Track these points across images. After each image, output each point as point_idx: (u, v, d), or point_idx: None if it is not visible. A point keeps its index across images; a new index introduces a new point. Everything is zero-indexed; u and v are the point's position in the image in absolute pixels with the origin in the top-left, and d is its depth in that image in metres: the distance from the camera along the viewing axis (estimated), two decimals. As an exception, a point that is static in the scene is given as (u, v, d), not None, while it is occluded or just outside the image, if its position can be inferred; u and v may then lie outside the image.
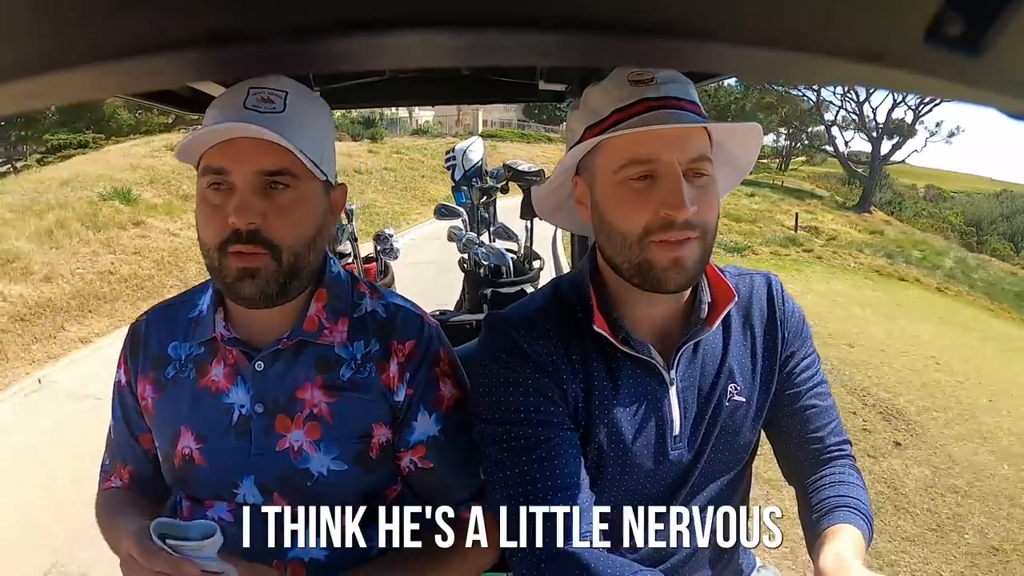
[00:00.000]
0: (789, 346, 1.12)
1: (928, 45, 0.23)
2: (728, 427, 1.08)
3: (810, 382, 1.13)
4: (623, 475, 1.05)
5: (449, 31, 0.22)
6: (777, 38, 0.24)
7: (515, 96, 1.95)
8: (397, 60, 0.25)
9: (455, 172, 3.18)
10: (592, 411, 1.02)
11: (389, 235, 2.92)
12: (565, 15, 0.22)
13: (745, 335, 1.11)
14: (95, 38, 0.21)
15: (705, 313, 1.04)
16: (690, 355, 1.06)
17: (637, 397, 1.04)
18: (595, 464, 1.04)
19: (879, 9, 0.23)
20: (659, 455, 1.04)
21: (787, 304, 1.14)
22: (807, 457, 1.13)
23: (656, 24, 0.23)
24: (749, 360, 1.10)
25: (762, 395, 1.11)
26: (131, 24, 0.21)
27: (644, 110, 0.92)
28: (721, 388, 1.07)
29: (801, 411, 1.12)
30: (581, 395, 1.02)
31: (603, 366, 1.03)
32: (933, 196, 41.96)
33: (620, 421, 1.03)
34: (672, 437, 1.05)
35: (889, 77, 0.26)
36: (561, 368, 1.01)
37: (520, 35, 0.23)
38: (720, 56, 0.27)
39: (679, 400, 1.05)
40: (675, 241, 0.93)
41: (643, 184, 0.93)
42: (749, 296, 1.12)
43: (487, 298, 2.83)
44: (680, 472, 1.07)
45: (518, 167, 3.09)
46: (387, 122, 31.25)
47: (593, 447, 1.03)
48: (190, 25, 0.21)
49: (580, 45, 0.24)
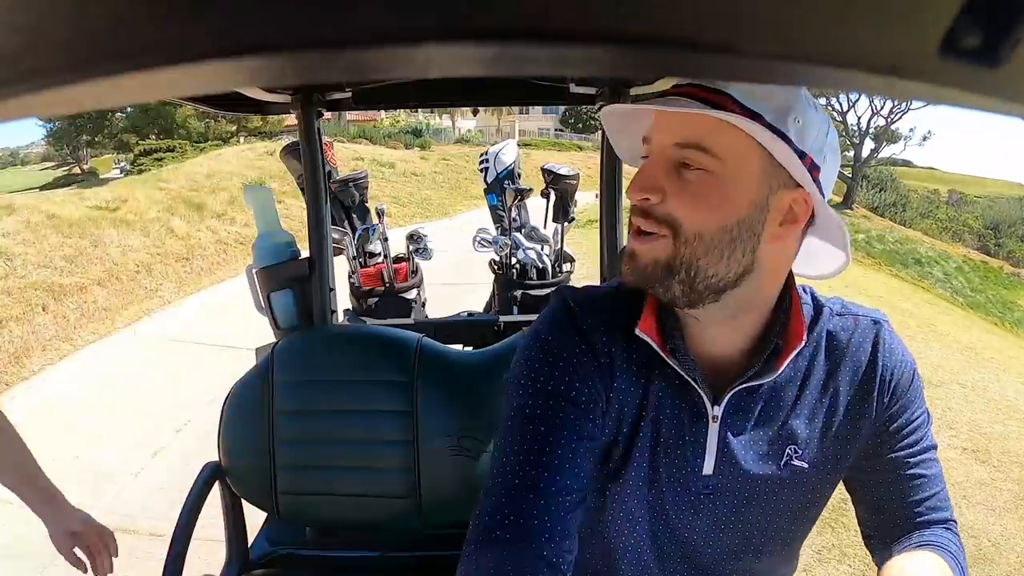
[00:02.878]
0: (891, 406, 0.88)
1: (944, 57, 0.22)
2: (775, 493, 0.88)
3: (915, 447, 0.89)
4: (652, 503, 0.90)
5: (477, 44, 0.22)
6: (794, 50, 0.23)
7: (546, 99, 1.93)
8: (423, 71, 0.24)
9: (487, 175, 3.15)
10: (639, 421, 0.87)
11: (423, 235, 2.82)
12: (589, 29, 0.22)
13: (826, 388, 0.88)
14: (132, 47, 0.21)
15: (769, 353, 0.83)
16: (747, 397, 0.86)
17: (673, 416, 0.87)
18: (631, 480, 0.88)
19: (893, 22, 0.22)
20: (680, 490, 0.88)
21: (894, 356, 0.89)
22: (901, 528, 0.90)
23: (678, 37, 0.22)
24: (823, 419, 0.88)
25: (830, 463, 0.89)
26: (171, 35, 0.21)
27: (671, 93, 0.79)
28: (777, 445, 0.87)
29: (901, 480, 0.89)
30: (636, 403, 0.87)
31: (660, 377, 0.86)
32: (955, 201, 40.81)
33: (655, 441, 0.87)
34: (702, 476, 0.87)
35: (906, 89, 0.25)
36: (621, 367, 0.87)
37: (548, 48, 0.22)
38: (741, 67, 0.26)
39: (719, 440, 0.86)
40: (635, 230, 0.79)
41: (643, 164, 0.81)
42: (846, 342, 0.88)
43: (517, 300, 2.81)
44: (707, 521, 0.90)
45: (557, 171, 3.06)
46: (432, 132, 31.60)
47: (630, 463, 0.88)
48: (227, 36, 0.20)
49: (601, 58, 0.24)
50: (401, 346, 1.57)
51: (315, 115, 1.71)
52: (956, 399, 5.13)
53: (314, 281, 1.76)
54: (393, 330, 1.64)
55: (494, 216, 3.20)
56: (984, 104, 0.25)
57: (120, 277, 7.19)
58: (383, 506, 1.53)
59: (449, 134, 34.80)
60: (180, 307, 7.22)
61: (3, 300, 5.80)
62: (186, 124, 29.04)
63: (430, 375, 1.53)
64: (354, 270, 2.74)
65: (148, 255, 7.94)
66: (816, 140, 0.75)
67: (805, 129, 0.74)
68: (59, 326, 5.90)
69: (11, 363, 5.13)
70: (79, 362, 5.47)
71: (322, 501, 1.53)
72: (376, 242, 2.77)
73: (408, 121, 32.39)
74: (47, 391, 4.89)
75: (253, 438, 1.52)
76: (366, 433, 1.52)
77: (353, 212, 2.94)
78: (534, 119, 49.41)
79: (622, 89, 1.72)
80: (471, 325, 2.32)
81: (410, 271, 2.84)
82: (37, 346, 5.50)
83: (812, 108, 0.75)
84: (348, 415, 1.52)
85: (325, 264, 1.77)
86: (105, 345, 5.89)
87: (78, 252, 7.24)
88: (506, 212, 3.04)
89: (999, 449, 4.29)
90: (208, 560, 2.54)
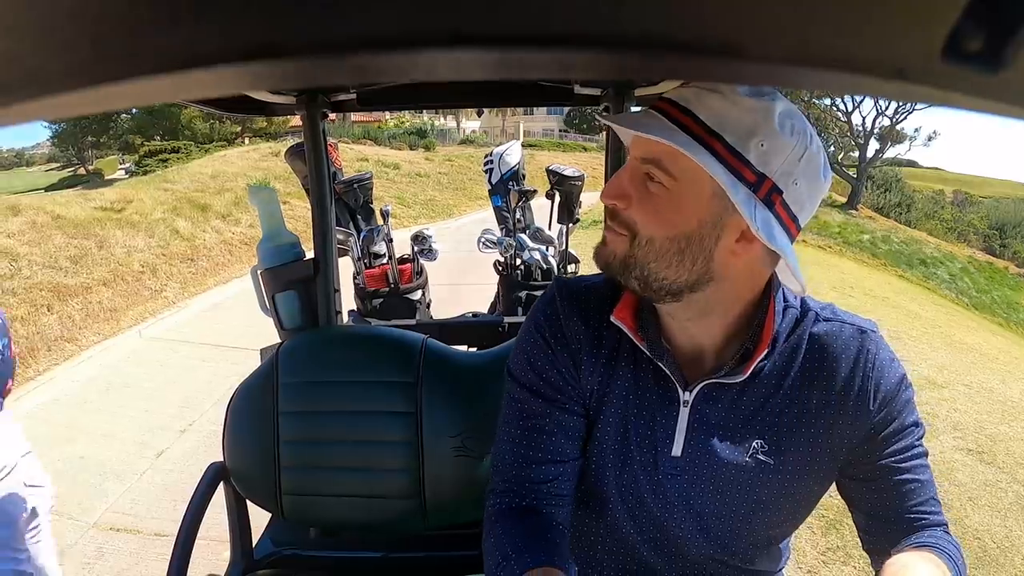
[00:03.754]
0: (878, 414, 0.90)
1: (947, 61, 0.22)
2: (740, 482, 0.94)
3: (906, 453, 0.92)
4: (620, 477, 0.97)
5: (481, 49, 0.22)
6: (798, 54, 0.23)
7: (550, 100, 1.93)
8: (427, 74, 0.24)
9: (492, 176, 3.14)
10: (603, 400, 0.96)
11: (428, 235, 2.79)
12: (591, 33, 0.22)
13: (801, 390, 0.91)
14: (141, 52, 0.21)
15: (735, 355, 0.90)
16: (718, 388, 0.92)
17: (644, 398, 0.95)
18: (597, 455, 0.98)
19: (897, 26, 0.22)
20: (651, 469, 0.95)
21: (880, 365, 0.91)
22: (897, 533, 0.93)
23: (684, 41, 0.23)
24: (794, 419, 0.92)
25: (802, 463, 0.93)
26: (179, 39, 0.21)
27: (654, 107, 0.85)
28: (745, 437, 0.93)
29: (894, 486, 0.92)
30: (598, 383, 0.96)
31: (629, 361, 0.95)
32: (961, 201, 40.64)
33: (626, 419, 0.96)
34: (670, 457, 0.94)
35: (910, 92, 0.25)
36: (587, 351, 0.96)
37: (551, 53, 0.23)
38: (747, 71, 0.26)
39: (688, 424, 0.93)
40: (605, 227, 0.89)
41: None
42: (829, 347, 0.92)
43: (522, 301, 2.81)
44: (677, 501, 0.96)
45: (562, 172, 3.05)
46: (437, 132, 31.61)
47: (597, 437, 0.98)
48: (233, 40, 0.21)
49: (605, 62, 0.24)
50: (406, 347, 1.57)
51: (320, 116, 1.71)
52: (961, 400, 5.11)
53: (319, 282, 1.76)
54: (398, 331, 1.64)
55: (499, 217, 3.19)
56: (987, 107, 0.25)
57: (125, 278, 7.22)
58: (387, 507, 1.53)
59: (453, 135, 34.80)
60: (185, 308, 7.24)
61: (8, 301, 5.82)
62: (191, 125, 29.17)
63: (435, 376, 1.53)
64: (359, 271, 2.74)
65: (153, 256, 7.97)
66: (784, 164, 0.79)
67: (769, 153, 0.78)
68: (64, 326, 5.93)
69: (17, 363, 5.15)
70: (84, 362, 5.48)
71: (326, 502, 1.54)
72: (381, 243, 2.76)
73: (412, 122, 32.41)
74: (53, 391, 4.91)
75: (258, 439, 1.52)
76: (370, 434, 1.52)
77: (358, 213, 2.94)
78: (539, 120, 49.42)
79: (626, 91, 1.72)
80: (476, 326, 2.32)
81: (415, 272, 2.83)
82: (42, 346, 5.52)
83: (785, 133, 0.78)
84: (352, 416, 1.52)
85: (330, 265, 1.78)
86: (110, 345, 5.91)
87: (83, 253, 7.27)
88: (511, 213, 3.04)
89: (1004, 450, 4.27)
90: (213, 560, 2.55)
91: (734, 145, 0.77)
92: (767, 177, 0.78)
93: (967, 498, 3.65)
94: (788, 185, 0.80)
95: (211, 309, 7.13)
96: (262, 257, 1.74)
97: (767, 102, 0.78)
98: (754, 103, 0.78)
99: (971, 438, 4.42)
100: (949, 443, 4.28)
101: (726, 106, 0.78)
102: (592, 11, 0.21)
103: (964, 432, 4.50)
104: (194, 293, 7.77)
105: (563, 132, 45.19)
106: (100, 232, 7.91)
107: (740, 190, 0.78)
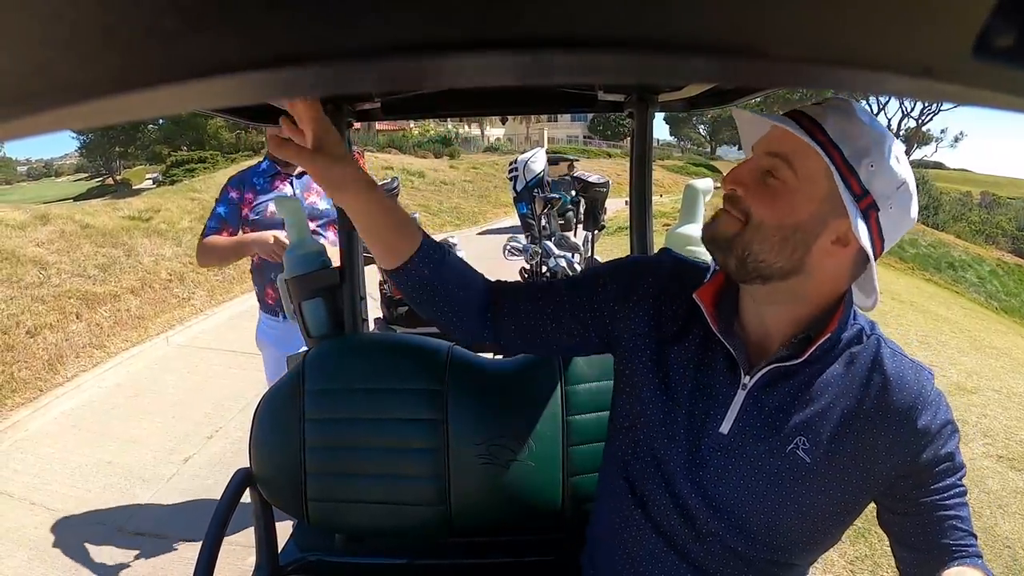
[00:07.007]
0: (923, 451, 0.96)
1: (977, 58, 0.22)
2: (774, 473, 0.99)
3: (949, 491, 0.97)
4: (665, 447, 1.06)
5: (507, 53, 0.22)
6: (824, 54, 0.23)
7: (574, 106, 1.93)
8: (453, 80, 0.25)
9: (517, 183, 3.14)
10: (662, 353, 1.08)
11: (453, 243, 2.81)
12: (616, 36, 0.22)
13: (851, 402, 0.98)
14: (168, 61, 0.22)
15: (801, 338, 0.98)
16: (779, 379, 1.00)
17: (712, 379, 1.04)
18: (645, 426, 1.08)
19: (926, 23, 0.22)
20: (695, 441, 1.04)
21: (931, 403, 0.98)
22: (936, 565, 0.96)
23: (708, 42, 0.23)
24: (839, 428, 0.98)
25: (835, 472, 0.98)
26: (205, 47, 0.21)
27: (788, 115, 0.95)
28: (791, 431, 0.99)
29: (935, 522, 0.97)
30: (654, 339, 1.10)
31: (697, 337, 1.07)
32: (988, 203, 39.83)
33: (679, 392, 1.06)
34: (716, 432, 1.02)
35: (940, 90, 0.25)
36: (665, 312, 1.10)
37: (576, 56, 0.23)
38: (773, 72, 0.26)
39: (742, 407, 1.01)
40: (722, 208, 0.98)
41: None
42: (886, 372, 0.99)
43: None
44: (711, 478, 1.02)
45: (588, 179, 3.05)
46: (461, 140, 31.74)
47: (645, 398, 1.08)
48: (259, 48, 0.21)
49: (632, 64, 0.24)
50: (432, 354, 1.58)
51: (345, 125, 1.73)
52: (992, 405, 4.99)
53: (345, 290, 1.77)
54: (424, 338, 1.65)
55: (524, 224, 3.19)
56: (1018, 104, 0.25)
57: (153, 286, 7.33)
58: (413, 513, 1.53)
59: (478, 142, 34.95)
60: (212, 315, 7.32)
61: (38, 308, 5.93)
62: (218, 135, 29.61)
63: (461, 383, 1.54)
64: (385, 279, 2.76)
65: (180, 264, 8.07)
66: (885, 187, 0.89)
67: (876, 174, 0.88)
68: (93, 334, 6.03)
69: (46, 369, 5.25)
70: (112, 369, 5.58)
71: (352, 508, 1.54)
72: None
73: (437, 130, 32.60)
74: (81, 397, 4.99)
75: (284, 445, 1.54)
76: (396, 441, 1.53)
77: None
78: (563, 126, 49.44)
79: (650, 96, 1.71)
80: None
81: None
82: (71, 353, 5.62)
83: (892, 161, 0.89)
84: (378, 423, 1.53)
85: (356, 273, 1.79)
86: (138, 352, 6.00)
87: (111, 261, 7.39)
88: (536, 220, 3.04)
89: (1035, 457, 4.16)
90: (239, 565, 2.57)
91: (849, 159, 0.87)
92: (869, 193, 0.88)
93: (997, 506, 3.55)
94: (885, 207, 0.89)
95: (237, 317, 7.19)
96: (289, 265, 1.76)
97: (880, 131, 0.89)
98: (870, 130, 0.89)
99: (1001, 444, 4.31)
100: (979, 450, 4.18)
101: (848, 126, 0.89)
102: (617, 14, 0.21)
103: (994, 438, 4.39)
104: (221, 301, 7.84)
105: (587, 139, 45.15)
106: (128, 241, 8.04)
107: (848, 197, 0.88)
